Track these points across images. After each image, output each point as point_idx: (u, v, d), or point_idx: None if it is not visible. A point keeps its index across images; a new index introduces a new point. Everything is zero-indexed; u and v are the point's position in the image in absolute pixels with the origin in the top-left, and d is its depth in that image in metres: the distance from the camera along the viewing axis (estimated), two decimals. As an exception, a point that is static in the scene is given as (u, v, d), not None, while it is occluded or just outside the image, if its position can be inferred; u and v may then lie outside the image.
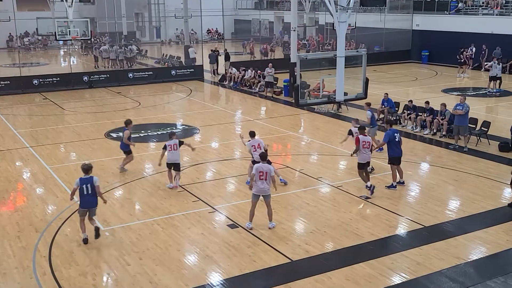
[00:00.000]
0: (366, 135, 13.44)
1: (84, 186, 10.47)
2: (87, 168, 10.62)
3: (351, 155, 13.86)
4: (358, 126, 14.13)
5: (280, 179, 13.70)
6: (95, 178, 10.60)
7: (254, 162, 12.88)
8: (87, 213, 10.66)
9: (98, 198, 10.68)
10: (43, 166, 15.74)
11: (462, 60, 31.82)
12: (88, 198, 10.53)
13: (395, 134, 13.57)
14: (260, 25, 52.76)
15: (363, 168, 13.40)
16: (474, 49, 32.59)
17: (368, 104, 17.11)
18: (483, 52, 32.48)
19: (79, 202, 10.68)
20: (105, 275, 9.57)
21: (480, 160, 15.97)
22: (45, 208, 12.67)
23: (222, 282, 9.31)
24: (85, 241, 10.61)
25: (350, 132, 14.45)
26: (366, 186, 13.28)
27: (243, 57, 41.90)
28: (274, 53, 41.29)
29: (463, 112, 16.88)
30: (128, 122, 15.02)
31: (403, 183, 13.85)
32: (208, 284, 9.25)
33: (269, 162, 11.51)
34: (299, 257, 10.10)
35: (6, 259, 10.10)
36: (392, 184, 13.64)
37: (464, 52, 32.08)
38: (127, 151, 15.07)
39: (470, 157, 16.22)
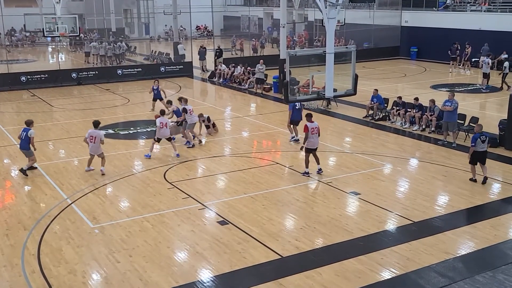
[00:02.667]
0: (313, 122, 14.15)
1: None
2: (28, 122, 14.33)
3: (301, 148, 14.60)
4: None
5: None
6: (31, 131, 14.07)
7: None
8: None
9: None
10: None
11: (456, 55, 32.03)
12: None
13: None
14: (249, 21, 52.67)
15: (311, 153, 14.21)
16: (470, 48, 32.62)
17: (169, 102, 18.83)
18: (466, 51, 32.57)
19: None
20: (94, 272, 9.52)
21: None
22: (34, 205, 12.58)
23: (212, 279, 9.31)
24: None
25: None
26: (306, 172, 14.21)
27: (232, 54, 41.83)
28: (263, 49, 41.29)
29: (452, 108, 17.00)
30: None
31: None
32: (199, 280, 9.24)
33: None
34: (289, 253, 10.13)
35: (-6, 258, 10.03)
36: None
37: (458, 47, 32.20)
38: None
39: (459, 153, 16.34)
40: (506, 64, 26.67)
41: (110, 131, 19.11)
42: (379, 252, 10.17)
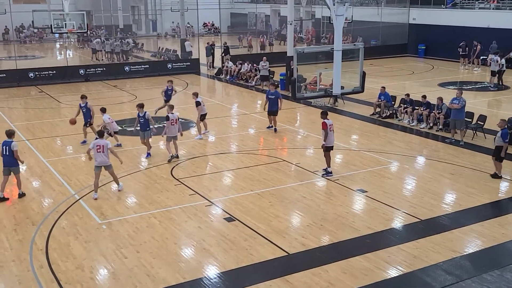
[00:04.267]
0: (328, 119, 14.04)
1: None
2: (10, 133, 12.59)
3: (322, 147, 14.16)
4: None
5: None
6: (14, 143, 12.44)
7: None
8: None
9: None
10: (40, 159, 15.71)
11: (466, 53, 31.90)
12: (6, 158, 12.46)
13: None
14: (256, 18, 52.63)
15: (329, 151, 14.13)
16: (478, 46, 32.45)
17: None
18: (474, 48, 32.41)
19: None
20: (102, 268, 9.58)
21: (476, 154, 16.03)
22: (42, 201, 12.66)
23: (219, 275, 9.33)
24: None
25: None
26: (329, 172, 14.08)
27: (240, 51, 41.81)
28: (272, 47, 41.26)
29: (460, 106, 16.92)
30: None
31: None
32: (205, 277, 9.27)
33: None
34: (296, 250, 10.14)
35: (3, 252, 10.10)
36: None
37: (466, 44, 32.09)
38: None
39: (466, 151, 16.27)
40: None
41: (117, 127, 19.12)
42: (386, 250, 10.15)
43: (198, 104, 17.65)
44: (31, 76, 28.35)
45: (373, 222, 11.36)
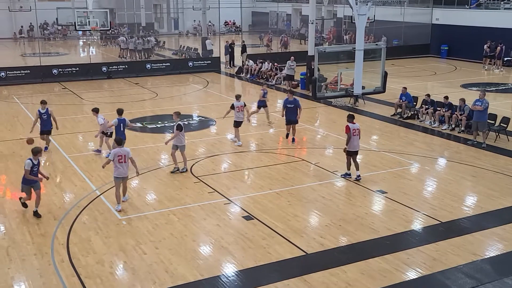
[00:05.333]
0: (355, 123, 13.67)
1: None
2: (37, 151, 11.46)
3: (344, 150, 13.80)
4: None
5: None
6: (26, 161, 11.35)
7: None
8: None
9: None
10: (62, 155, 15.94)
11: (492, 54, 31.46)
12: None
13: None
14: (277, 17, 52.58)
15: (351, 156, 13.76)
16: (501, 47, 31.97)
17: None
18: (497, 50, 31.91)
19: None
20: (122, 263, 9.68)
21: (498, 156, 15.80)
22: (64, 196, 12.84)
23: (236, 273, 9.36)
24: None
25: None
26: (347, 173, 13.84)
27: (260, 50, 41.85)
28: (289, 45, 41.26)
29: (482, 107, 16.70)
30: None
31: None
32: (223, 274, 9.31)
33: None
34: (314, 250, 10.12)
35: (26, 246, 10.28)
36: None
37: (489, 45, 31.65)
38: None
39: (489, 153, 16.06)
40: None
41: (138, 124, 19.35)
42: (405, 251, 10.08)
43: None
44: (54, 72, 28.76)
45: (393, 223, 11.28)
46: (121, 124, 14.77)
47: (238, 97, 17.35)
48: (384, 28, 38.32)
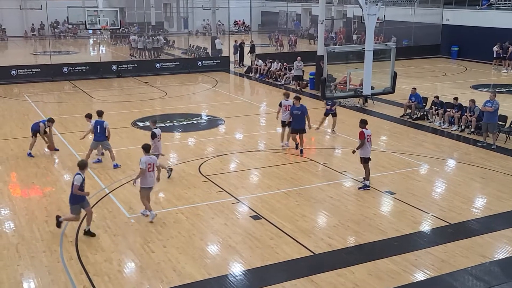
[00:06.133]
0: (367, 129, 13.14)
1: None
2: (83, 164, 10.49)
3: (353, 152, 13.53)
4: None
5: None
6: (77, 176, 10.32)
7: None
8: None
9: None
10: (72, 153, 16.02)
11: (504, 55, 31.27)
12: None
13: None
14: (287, 17, 52.54)
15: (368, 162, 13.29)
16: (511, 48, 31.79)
17: (51, 121, 15.65)
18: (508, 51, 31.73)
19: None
20: (130, 261, 9.73)
21: (508, 158, 15.70)
22: (73, 194, 12.88)
23: (244, 273, 9.37)
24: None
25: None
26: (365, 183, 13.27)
27: (269, 49, 41.85)
28: (297, 45, 41.28)
29: (492, 109, 16.60)
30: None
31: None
32: (230, 273, 9.33)
33: None
34: (322, 251, 10.11)
35: (35, 243, 10.35)
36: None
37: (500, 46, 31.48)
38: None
39: (499, 155, 15.95)
40: None
41: (148, 123, 19.39)
42: (413, 253, 10.04)
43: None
44: (65, 71, 28.93)
45: (401, 224, 11.24)
46: (98, 126, 14.50)
47: (286, 95, 16.62)
48: (394, 28, 38.17)
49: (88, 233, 10.60)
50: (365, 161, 13.24)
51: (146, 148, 11.32)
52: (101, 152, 15.26)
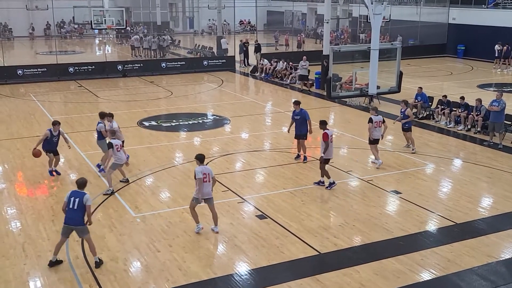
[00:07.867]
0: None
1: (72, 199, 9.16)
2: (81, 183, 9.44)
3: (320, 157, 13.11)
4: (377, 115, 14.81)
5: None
6: (86, 196, 9.22)
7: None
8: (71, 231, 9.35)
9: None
10: (78, 152, 16.08)
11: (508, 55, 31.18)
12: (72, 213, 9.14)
13: None
14: (293, 16, 52.48)
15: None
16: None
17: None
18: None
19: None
20: (135, 260, 9.75)
21: (515, 157, 15.62)
22: (79, 193, 12.91)
23: (249, 272, 9.37)
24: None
25: (370, 120, 14.56)
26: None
27: (274, 49, 41.82)
28: (304, 44, 41.24)
29: (499, 108, 16.53)
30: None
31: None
32: (236, 273, 9.33)
33: None
34: (327, 250, 10.09)
35: (41, 242, 10.40)
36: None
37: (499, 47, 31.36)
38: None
39: (505, 154, 15.88)
40: None
41: (153, 123, 19.47)
42: (419, 252, 10.01)
43: (370, 121, 14.66)
44: (70, 71, 29.02)
45: (407, 224, 11.21)
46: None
47: (375, 109, 15.05)
48: (400, 27, 38.06)
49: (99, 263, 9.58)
50: (325, 161, 13.16)
51: (201, 159, 10.64)
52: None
